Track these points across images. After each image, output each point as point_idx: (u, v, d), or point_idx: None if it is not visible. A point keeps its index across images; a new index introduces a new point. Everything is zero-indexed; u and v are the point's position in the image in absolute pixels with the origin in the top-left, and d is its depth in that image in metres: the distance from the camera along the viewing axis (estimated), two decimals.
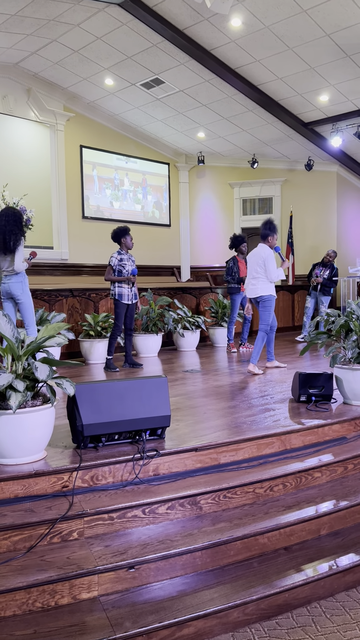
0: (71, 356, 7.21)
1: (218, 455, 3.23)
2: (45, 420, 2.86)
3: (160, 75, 8.90)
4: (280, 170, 12.10)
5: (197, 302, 9.16)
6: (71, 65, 8.85)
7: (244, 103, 9.48)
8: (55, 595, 2.31)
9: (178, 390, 4.91)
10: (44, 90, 9.59)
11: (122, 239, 6.17)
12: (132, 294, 6.17)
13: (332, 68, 8.11)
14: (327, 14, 6.84)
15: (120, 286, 6.08)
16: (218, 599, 2.37)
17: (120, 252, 6.15)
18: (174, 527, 2.74)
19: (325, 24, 7.07)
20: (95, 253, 10.27)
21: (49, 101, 9.70)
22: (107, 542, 2.58)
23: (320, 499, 3.11)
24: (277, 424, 3.61)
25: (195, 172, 12.51)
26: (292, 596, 2.49)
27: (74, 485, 2.79)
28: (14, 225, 5.08)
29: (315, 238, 11.91)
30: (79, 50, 8.36)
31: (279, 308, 10.56)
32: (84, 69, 8.96)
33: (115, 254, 6.13)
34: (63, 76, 9.28)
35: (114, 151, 11.02)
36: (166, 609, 2.29)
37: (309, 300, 8.76)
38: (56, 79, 9.41)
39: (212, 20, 7.29)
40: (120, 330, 6.13)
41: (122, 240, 6.18)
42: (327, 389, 4.15)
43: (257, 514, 2.89)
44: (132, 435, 3.19)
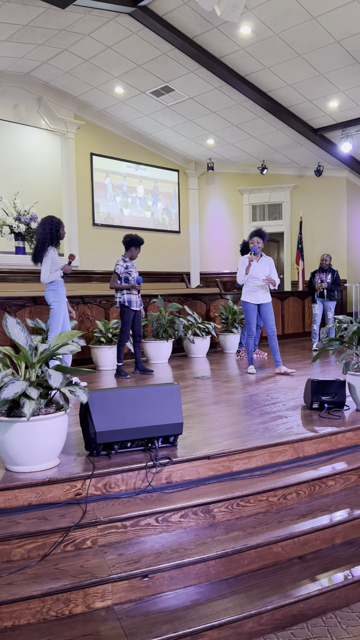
0: (82, 363, 7.23)
1: (231, 463, 3.22)
2: (59, 428, 2.86)
3: (170, 83, 8.95)
4: (290, 176, 12.10)
5: (207, 308, 9.16)
6: (82, 74, 8.93)
7: (253, 110, 9.50)
8: (69, 604, 2.31)
9: (189, 397, 4.90)
10: (54, 99, 9.68)
11: (131, 249, 6.18)
12: (139, 300, 6.19)
13: (341, 74, 8.12)
14: (337, 20, 6.86)
15: (128, 293, 6.09)
16: (232, 608, 2.35)
17: (125, 260, 6.16)
18: (188, 536, 2.73)
19: (335, 31, 7.08)
20: (106, 260, 10.30)
21: (59, 110, 9.79)
22: (120, 550, 2.57)
23: (334, 507, 3.08)
24: (290, 431, 3.59)
25: (205, 178, 12.54)
26: (307, 606, 2.47)
27: (87, 493, 2.79)
28: (42, 234, 5.17)
29: (325, 244, 11.88)
30: (90, 59, 8.44)
31: (290, 314, 10.53)
32: (95, 78, 9.04)
33: (121, 262, 6.14)
34: (74, 85, 9.37)
35: (124, 159, 11.08)
36: (180, 619, 2.27)
37: (317, 308, 8.72)
38: (67, 87, 9.50)
39: (222, 29, 7.32)
40: (128, 336, 6.14)
41: (130, 250, 6.18)
42: (339, 396, 4.12)
43: (271, 523, 2.88)
44: (144, 443, 3.19)
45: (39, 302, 6.95)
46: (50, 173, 10.37)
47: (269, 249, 12.45)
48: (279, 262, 12.46)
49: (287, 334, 10.45)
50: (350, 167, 11.42)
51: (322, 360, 7.30)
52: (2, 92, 9.07)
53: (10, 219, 8.98)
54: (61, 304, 5.30)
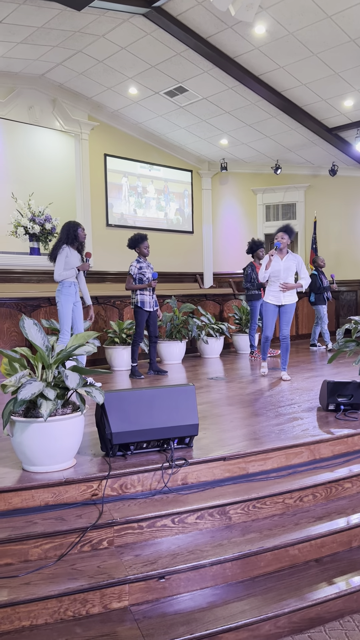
0: (96, 363, 7.25)
1: (246, 464, 3.21)
2: (75, 429, 2.87)
3: (183, 84, 8.95)
4: (304, 176, 12.03)
5: (220, 308, 9.14)
6: (96, 75, 8.96)
7: (267, 109, 9.46)
8: (86, 604, 2.32)
9: (203, 398, 4.89)
10: (69, 100, 9.72)
11: (137, 248, 6.20)
12: (154, 301, 6.19)
13: (357, 73, 8.05)
14: (352, 19, 6.80)
15: (142, 294, 6.10)
16: (249, 611, 2.34)
17: (139, 260, 6.17)
18: (204, 537, 2.73)
19: (350, 29, 7.02)
20: (119, 260, 10.33)
21: (73, 111, 9.83)
22: (137, 551, 2.58)
23: (351, 510, 3.06)
24: (306, 433, 3.57)
25: (218, 178, 12.52)
26: (324, 609, 2.45)
27: (104, 494, 2.79)
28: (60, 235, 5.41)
29: (340, 244, 11.79)
30: (104, 60, 8.46)
31: (304, 314, 10.47)
32: (109, 79, 9.06)
33: (135, 263, 6.15)
34: (88, 86, 9.40)
35: (137, 159, 11.10)
36: (197, 621, 2.27)
37: (325, 308, 8.71)
38: (81, 89, 9.54)
39: (236, 28, 7.30)
40: (142, 337, 6.15)
41: (137, 249, 6.20)
42: (356, 397, 4.09)
43: (287, 525, 2.86)
44: (160, 444, 3.19)
45: (54, 303, 6.99)
46: (65, 174, 10.42)
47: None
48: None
49: (301, 334, 10.39)
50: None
51: (338, 362, 7.25)
52: (17, 93, 9.13)
53: (25, 219, 9.04)
54: (65, 305, 5.32)
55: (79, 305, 5.49)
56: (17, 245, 9.47)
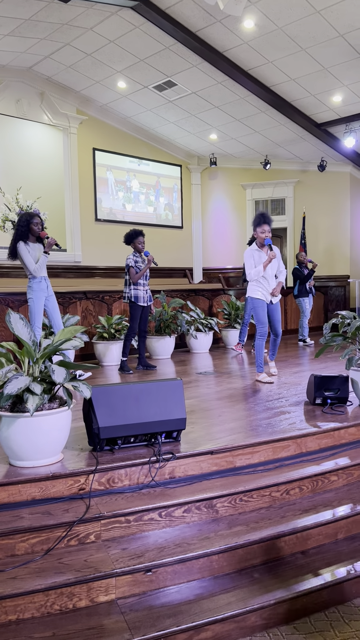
0: (85, 358, 7.24)
1: (234, 458, 3.22)
2: (62, 423, 2.87)
3: (172, 78, 8.91)
4: (293, 171, 12.05)
5: (209, 303, 9.15)
6: (84, 68, 8.90)
7: (256, 104, 9.46)
8: (73, 598, 2.32)
9: (192, 392, 4.90)
10: (57, 94, 9.65)
11: (132, 243, 6.21)
12: (147, 296, 6.20)
13: (345, 68, 8.07)
14: (341, 14, 6.81)
15: (136, 288, 6.11)
16: (235, 603, 2.36)
17: (135, 255, 6.20)
18: (191, 531, 2.74)
19: (339, 25, 7.03)
20: (108, 255, 10.31)
21: (62, 104, 9.76)
22: (124, 545, 2.58)
23: (337, 502, 3.08)
24: (293, 426, 3.59)
25: (208, 173, 12.50)
26: (310, 601, 2.48)
27: (91, 488, 2.79)
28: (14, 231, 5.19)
29: (329, 239, 11.85)
30: (92, 53, 8.41)
31: (292, 310, 10.51)
32: (97, 72, 9.00)
33: (131, 256, 6.18)
34: (76, 79, 9.34)
35: (126, 154, 11.05)
36: (183, 613, 2.28)
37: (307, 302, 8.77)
38: (69, 82, 9.47)
39: (225, 22, 7.28)
40: (135, 332, 6.15)
41: (133, 244, 6.21)
42: (342, 391, 4.12)
43: (274, 518, 2.88)
44: (147, 438, 3.19)
45: None
46: (53, 168, 10.35)
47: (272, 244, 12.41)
48: (282, 258, 12.43)
49: (289, 329, 10.44)
50: (353, 162, 11.36)
51: (325, 356, 7.30)
52: (4, 86, 9.05)
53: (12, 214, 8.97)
54: (36, 301, 5.15)
55: (52, 300, 5.34)
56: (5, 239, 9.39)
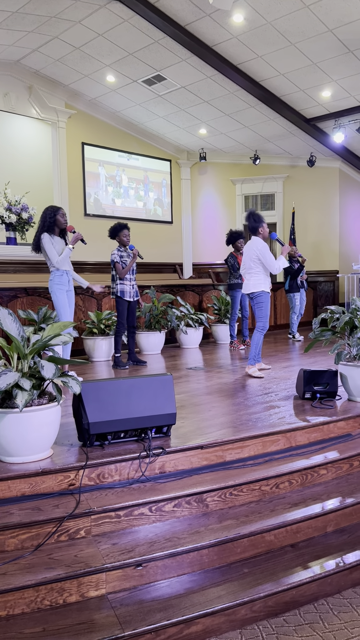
0: (75, 354, 7.21)
1: (224, 452, 3.23)
2: (52, 419, 2.86)
3: (161, 72, 8.87)
4: (283, 166, 12.07)
5: (199, 299, 9.15)
6: (72, 62, 8.83)
7: (245, 99, 9.45)
8: (63, 593, 2.32)
9: (182, 387, 4.91)
10: (45, 88, 9.57)
11: (117, 236, 6.19)
12: (134, 291, 6.19)
13: (334, 63, 8.08)
14: (330, 9, 6.81)
15: (122, 283, 6.09)
16: (225, 596, 2.37)
17: (119, 249, 6.16)
18: (181, 525, 2.75)
19: (328, 19, 7.03)
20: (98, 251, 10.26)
21: (50, 98, 9.69)
22: (114, 540, 2.59)
23: (326, 496, 3.11)
24: (282, 421, 3.61)
25: (197, 168, 12.48)
26: (299, 593, 2.50)
27: (81, 484, 2.79)
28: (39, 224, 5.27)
29: (318, 235, 11.89)
30: (81, 47, 8.34)
31: (282, 305, 10.55)
32: (86, 66, 8.94)
33: (116, 251, 6.15)
34: (64, 73, 9.26)
35: (115, 148, 11.00)
36: (174, 607, 2.29)
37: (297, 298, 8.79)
38: (58, 76, 9.39)
39: (214, 16, 7.26)
40: (124, 327, 6.14)
41: (117, 238, 6.19)
42: (331, 385, 4.15)
43: (264, 512, 2.90)
44: (138, 433, 3.19)
45: (31, 293, 6.92)
46: (42, 163, 10.29)
47: None
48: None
49: (279, 324, 10.47)
50: (342, 157, 11.40)
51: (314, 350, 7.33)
52: None
53: (1, 209, 8.90)
54: (59, 294, 5.20)
55: (71, 295, 5.33)
56: None
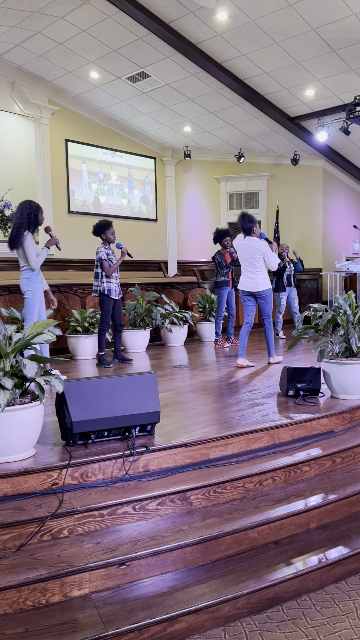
0: (58, 352, 7.17)
1: (208, 450, 3.24)
2: (34, 418, 2.84)
3: (145, 69, 8.84)
4: (267, 164, 12.12)
5: (184, 297, 9.15)
6: (56, 58, 8.76)
7: (230, 97, 9.46)
8: (46, 593, 2.30)
9: (166, 385, 4.91)
10: (28, 83, 9.47)
11: (103, 234, 6.12)
12: (119, 289, 6.16)
13: (317, 63, 8.13)
14: (313, 8, 6.84)
15: (108, 281, 6.05)
16: (209, 593, 2.38)
17: (105, 247, 6.11)
18: (165, 523, 2.74)
19: (311, 19, 7.07)
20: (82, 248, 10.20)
21: (33, 94, 9.59)
22: (97, 539, 2.57)
23: (309, 492, 3.13)
24: (266, 418, 3.63)
25: (182, 166, 12.47)
26: (282, 589, 2.51)
27: (64, 483, 2.77)
28: (19, 219, 4.94)
29: (302, 233, 11.96)
30: (64, 42, 8.27)
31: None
32: (69, 62, 8.87)
33: (102, 249, 6.07)
34: (47, 69, 9.18)
35: (99, 145, 10.94)
36: (157, 605, 2.29)
37: (283, 297, 8.79)
38: (41, 71, 9.30)
39: (198, 14, 7.25)
40: (109, 325, 6.11)
41: (103, 235, 6.13)
42: (314, 383, 4.18)
43: (247, 509, 2.91)
44: (121, 432, 3.18)
45: (14, 291, 6.86)
46: (24, 159, 10.17)
47: None
48: None
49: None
50: (326, 156, 11.49)
51: (298, 348, 7.38)
52: None
53: None
54: (36, 294, 5.11)
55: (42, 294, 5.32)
56: None
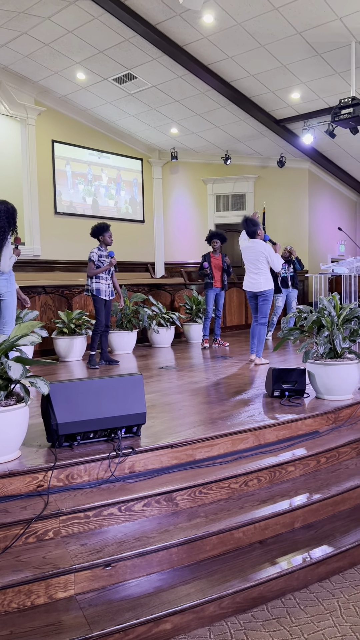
0: (45, 354, 7.14)
1: (194, 451, 3.25)
2: (19, 420, 2.83)
3: (132, 71, 8.85)
4: (253, 166, 12.18)
5: (171, 298, 9.16)
6: (42, 58, 8.73)
7: (216, 99, 9.50)
8: (31, 595, 2.30)
9: (153, 387, 4.91)
10: (14, 84, 9.43)
11: (101, 236, 6.16)
12: (110, 290, 6.17)
13: (303, 66, 8.19)
14: (298, 12, 6.90)
15: (98, 282, 6.06)
16: (194, 593, 2.39)
17: (100, 248, 6.15)
18: (150, 524, 2.75)
19: (297, 22, 7.13)
20: (68, 249, 10.18)
21: (19, 95, 9.55)
22: (83, 540, 2.57)
23: (294, 492, 3.16)
24: (252, 419, 3.65)
25: (169, 168, 12.49)
26: (267, 589, 2.53)
27: (49, 485, 2.77)
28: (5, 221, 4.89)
29: (288, 234, 12.04)
30: (50, 43, 8.25)
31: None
32: (55, 63, 8.85)
33: (96, 250, 6.13)
34: (34, 69, 9.15)
35: (86, 146, 10.92)
36: (143, 606, 2.30)
37: (280, 299, 8.69)
38: (27, 72, 9.27)
39: (185, 16, 7.27)
40: (102, 325, 6.10)
41: (102, 237, 6.17)
42: (300, 384, 4.21)
43: (233, 509, 2.93)
44: (107, 434, 3.18)
45: None
46: (10, 160, 10.12)
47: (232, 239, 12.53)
48: None
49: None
50: (312, 158, 11.58)
51: (283, 349, 7.43)
52: None
53: None
54: (14, 294, 5.10)
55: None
56: None
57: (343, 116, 7.66)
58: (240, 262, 12.42)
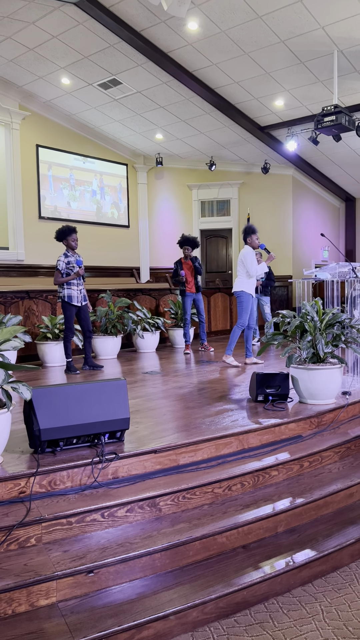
0: (28, 359, 7.09)
1: (177, 456, 3.25)
2: (1, 426, 2.80)
3: (117, 76, 8.87)
4: (238, 173, 12.26)
5: (156, 303, 9.16)
6: (26, 63, 8.71)
7: (201, 106, 9.56)
8: (12, 603, 2.27)
9: (137, 392, 4.90)
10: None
11: (65, 240, 6.07)
12: (82, 295, 6.09)
13: (286, 74, 8.29)
14: (281, 20, 6.99)
15: (69, 288, 5.98)
16: (177, 599, 2.38)
17: (66, 255, 6.03)
18: (133, 530, 2.74)
19: (280, 31, 7.21)
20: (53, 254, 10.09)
21: (3, 99, 9.52)
22: (65, 547, 2.55)
23: (277, 497, 3.17)
24: (235, 423, 3.66)
25: (154, 173, 12.52)
26: (250, 593, 2.53)
27: (32, 491, 2.75)
28: None
29: (272, 240, 12.12)
30: (35, 48, 8.24)
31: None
32: (40, 68, 8.83)
33: (62, 257, 6.01)
34: (18, 74, 9.12)
35: (71, 151, 10.90)
36: (125, 612, 2.29)
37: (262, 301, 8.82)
38: (11, 76, 9.24)
39: (169, 23, 7.32)
40: (72, 332, 6.05)
41: (65, 242, 6.07)
42: (283, 388, 4.24)
43: (216, 514, 2.93)
44: (90, 439, 3.17)
45: None
46: None
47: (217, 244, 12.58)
48: (227, 258, 12.62)
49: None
50: (295, 165, 11.69)
51: (267, 354, 7.47)
52: None
53: None
54: None
55: None
56: None
57: (326, 124, 7.75)
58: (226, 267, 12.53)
